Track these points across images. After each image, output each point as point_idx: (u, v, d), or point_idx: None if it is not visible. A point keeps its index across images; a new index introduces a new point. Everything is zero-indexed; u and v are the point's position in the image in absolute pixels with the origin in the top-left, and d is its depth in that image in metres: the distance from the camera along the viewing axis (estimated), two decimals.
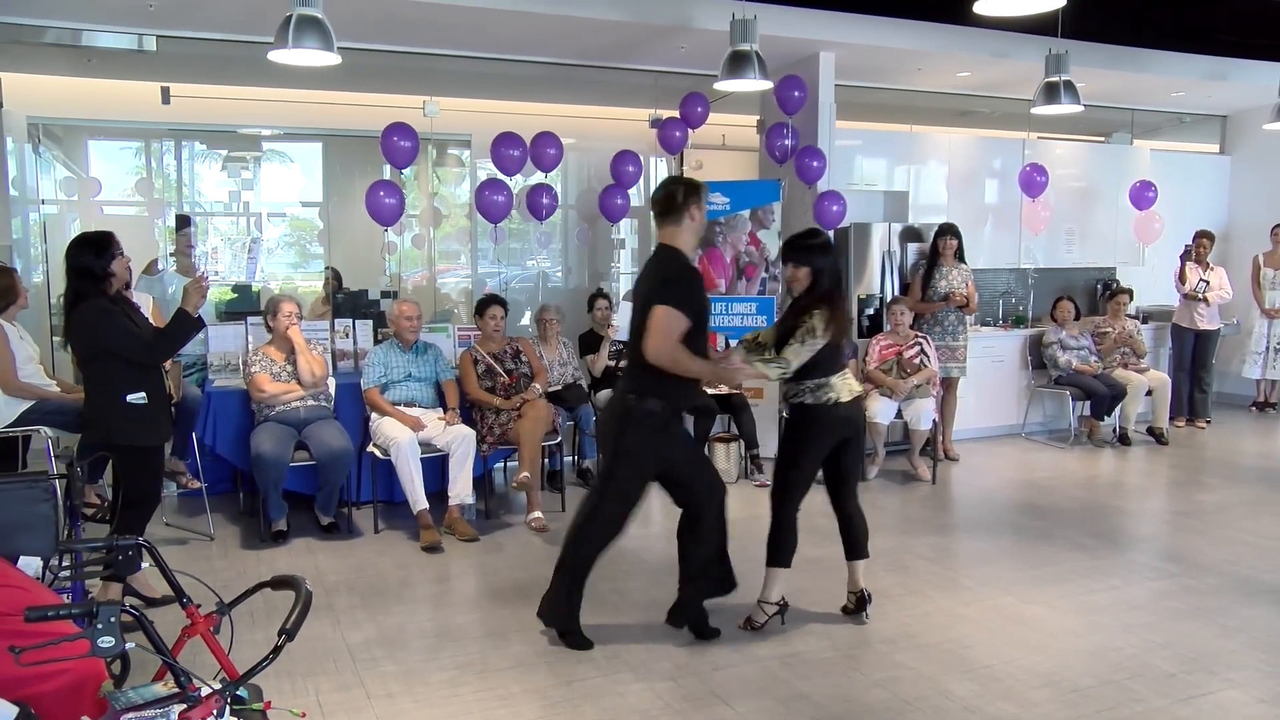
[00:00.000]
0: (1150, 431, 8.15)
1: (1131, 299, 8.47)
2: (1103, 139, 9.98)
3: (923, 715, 3.41)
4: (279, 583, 2.41)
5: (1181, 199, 9.39)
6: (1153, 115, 10.01)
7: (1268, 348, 9.10)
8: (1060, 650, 3.93)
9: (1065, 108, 6.81)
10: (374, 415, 5.74)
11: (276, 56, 4.94)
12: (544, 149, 6.93)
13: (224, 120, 7.71)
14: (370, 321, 6.60)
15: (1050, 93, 6.82)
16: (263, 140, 8.37)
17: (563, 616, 4.01)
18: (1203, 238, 8.80)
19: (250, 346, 6.00)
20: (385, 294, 7.16)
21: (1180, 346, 8.82)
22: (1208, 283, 8.64)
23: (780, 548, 4.16)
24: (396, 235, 6.95)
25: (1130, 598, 4.54)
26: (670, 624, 4.12)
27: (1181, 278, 8.73)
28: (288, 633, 2.17)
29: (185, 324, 4.13)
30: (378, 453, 5.59)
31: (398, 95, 7.33)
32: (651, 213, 3.90)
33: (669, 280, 3.80)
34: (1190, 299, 8.67)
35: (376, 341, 6.32)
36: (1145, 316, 9.06)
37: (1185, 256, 8.80)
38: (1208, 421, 8.75)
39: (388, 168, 7.30)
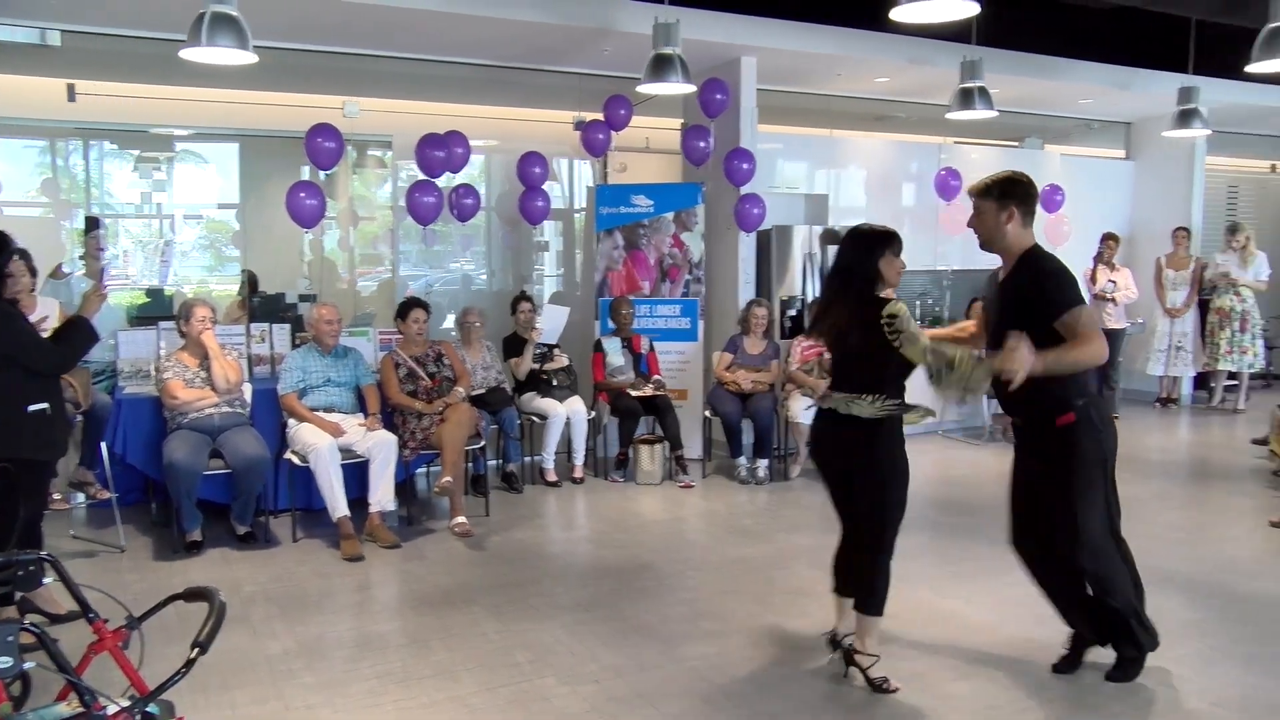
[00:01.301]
0: None
1: None
2: (1015, 144, 10.25)
3: (845, 710, 3.46)
4: (192, 594, 2.35)
5: (1090, 202, 9.71)
6: (1062, 121, 10.32)
7: (1170, 345, 9.48)
8: (977, 643, 4.02)
9: (979, 113, 7.00)
10: (292, 421, 5.62)
11: (189, 55, 4.83)
12: (452, 149, 6.85)
13: (135, 119, 7.49)
14: (288, 325, 6.47)
15: (965, 98, 7.01)
16: (176, 140, 8.15)
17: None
18: (1109, 240, 9.11)
19: (163, 352, 5.83)
20: (304, 297, 7.02)
21: None
22: (1115, 283, 8.94)
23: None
24: (315, 236, 6.84)
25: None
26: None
27: (1092, 279, 9.02)
28: (201, 645, 2.12)
29: (85, 332, 4.00)
30: (295, 460, 5.48)
31: (317, 95, 7.20)
32: (1023, 209, 3.52)
33: None
34: (1099, 299, 8.96)
35: (294, 346, 6.19)
36: None
37: (1098, 258, 9.10)
38: (1115, 417, 9.00)
39: (307, 168, 7.17)
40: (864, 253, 3.60)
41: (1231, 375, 9.55)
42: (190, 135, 8.12)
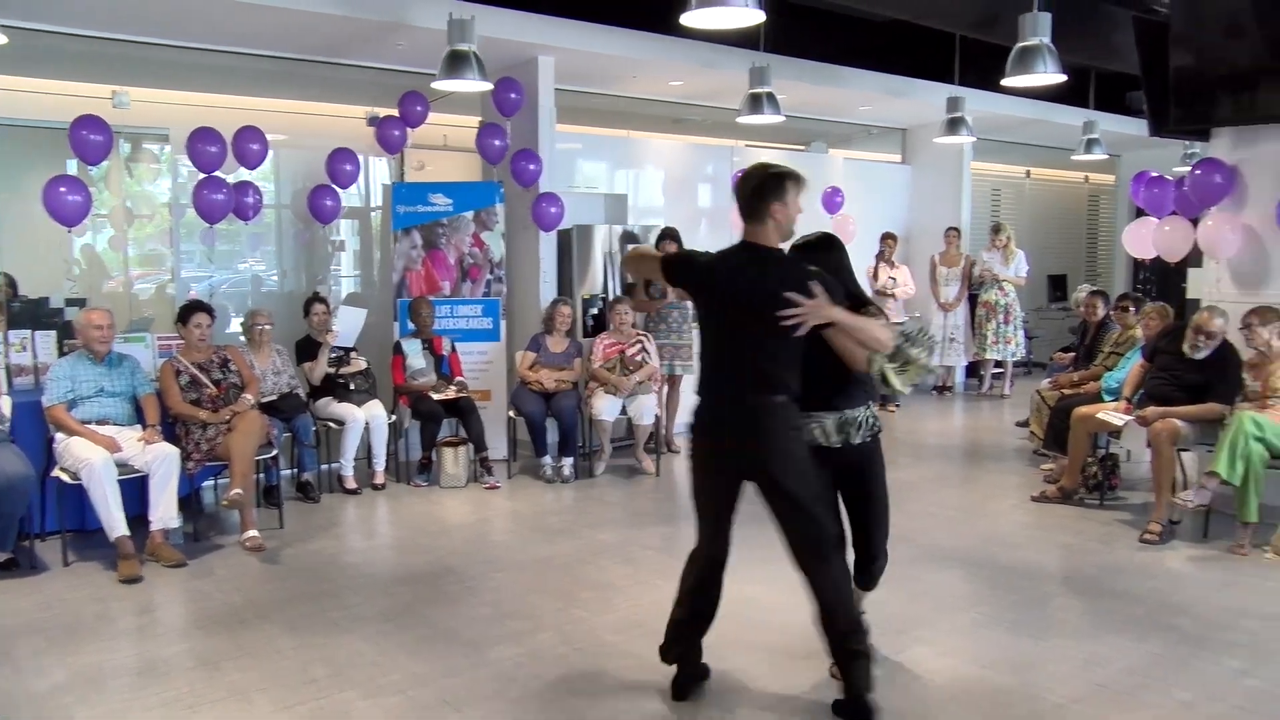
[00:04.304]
0: None
1: None
2: (802, 148, 10.74)
3: (653, 699, 3.52)
4: None
5: (870, 203, 10.29)
6: (844, 127, 10.89)
7: (944, 338, 10.18)
8: (777, 625, 4.19)
9: (768, 118, 7.28)
10: (60, 435, 5.19)
11: None
12: (247, 145, 6.53)
13: None
14: (53, 332, 5.97)
15: (754, 103, 7.28)
16: None
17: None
18: (888, 238, 9.70)
19: None
20: (70, 302, 6.50)
21: None
22: (895, 279, 9.52)
23: None
24: (80, 236, 6.34)
25: None
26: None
27: (874, 276, 9.56)
28: None
29: None
30: (65, 477, 5.06)
31: (83, 84, 6.67)
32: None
33: None
34: (881, 295, 9.52)
35: (61, 354, 5.72)
36: None
37: (879, 256, 9.66)
38: (897, 406, 9.64)
39: (72, 162, 6.64)
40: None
41: (998, 364, 10.37)
42: None
